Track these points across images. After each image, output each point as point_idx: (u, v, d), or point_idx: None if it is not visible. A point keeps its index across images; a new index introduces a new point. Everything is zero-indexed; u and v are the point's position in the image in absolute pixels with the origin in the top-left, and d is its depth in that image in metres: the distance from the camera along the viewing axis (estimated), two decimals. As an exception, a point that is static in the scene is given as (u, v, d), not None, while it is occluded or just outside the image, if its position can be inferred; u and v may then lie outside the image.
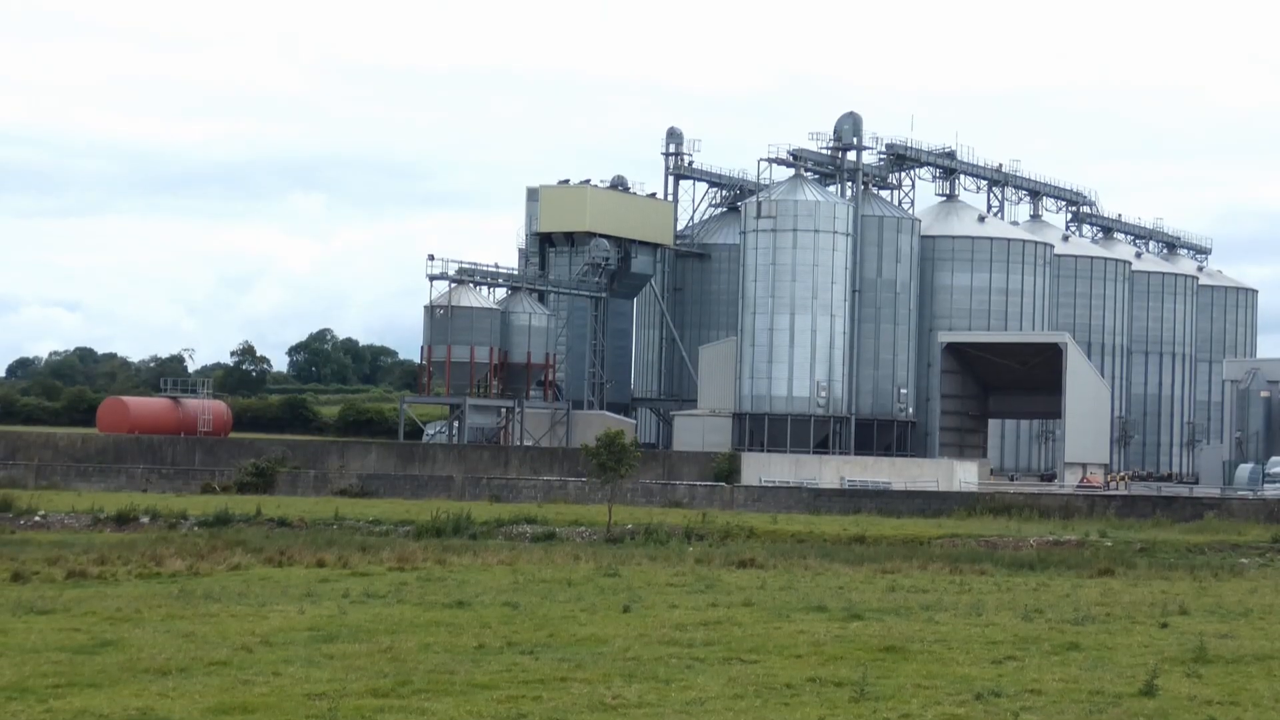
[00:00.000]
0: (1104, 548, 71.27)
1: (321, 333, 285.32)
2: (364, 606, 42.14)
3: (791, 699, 28.79)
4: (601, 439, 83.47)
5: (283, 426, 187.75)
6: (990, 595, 48.34)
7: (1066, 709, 28.23)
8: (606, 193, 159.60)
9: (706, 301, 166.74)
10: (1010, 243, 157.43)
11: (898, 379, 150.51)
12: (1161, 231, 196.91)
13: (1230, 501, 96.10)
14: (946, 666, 32.70)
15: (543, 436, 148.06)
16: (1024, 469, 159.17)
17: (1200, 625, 40.55)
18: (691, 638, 36.13)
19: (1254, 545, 75.15)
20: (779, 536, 74.55)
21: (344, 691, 28.76)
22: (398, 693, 28.87)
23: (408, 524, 76.59)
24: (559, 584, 49.06)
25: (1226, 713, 28.14)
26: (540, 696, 28.62)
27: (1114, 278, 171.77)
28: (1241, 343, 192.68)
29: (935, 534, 76.96)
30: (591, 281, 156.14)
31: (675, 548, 66.92)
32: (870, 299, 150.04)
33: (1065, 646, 35.95)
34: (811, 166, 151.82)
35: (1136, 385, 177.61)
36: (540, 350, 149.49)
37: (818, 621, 39.94)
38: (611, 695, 28.71)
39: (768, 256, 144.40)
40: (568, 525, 78.67)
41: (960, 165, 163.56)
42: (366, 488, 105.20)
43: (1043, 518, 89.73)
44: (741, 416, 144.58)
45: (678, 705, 28.07)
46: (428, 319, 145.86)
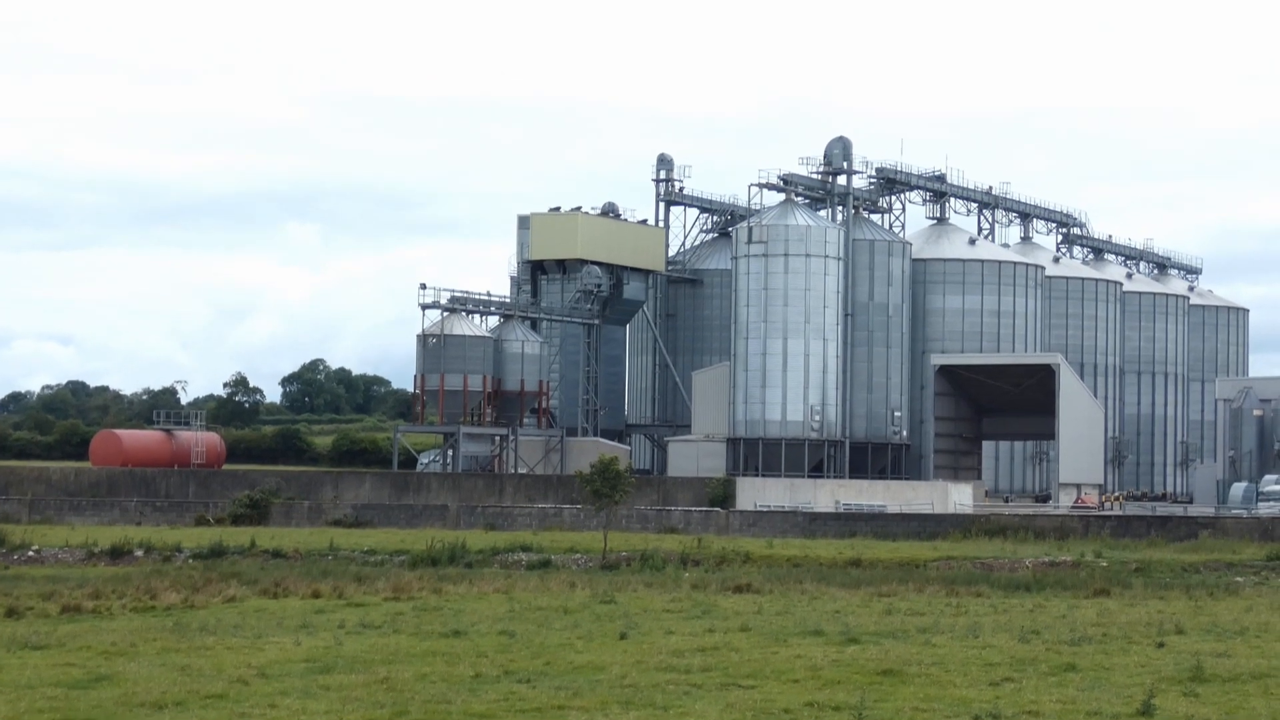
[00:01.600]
0: (1099, 568, 71.21)
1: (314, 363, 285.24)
2: (360, 637, 42.05)
3: (789, 724, 28.75)
4: (596, 466, 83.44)
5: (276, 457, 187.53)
6: (987, 617, 48.30)
7: (1064, 730, 28.21)
8: (598, 220, 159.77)
9: (699, 327, 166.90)
10: (1001, 265, 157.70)
11: (891, 402, 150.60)
12: (1152, 252, 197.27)
13: (1225, 520, 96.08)
14: (944, 689, 32.66)
15: (537, 464, 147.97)
16: (1018, 490, 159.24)
17: (1196, 644, 40.52)
18: (689, 664, 36.06)
19: (1249, 564, 75.12)
20: (775, 561, 74.46)
21: (341, 722, 28.68)
22: (394, 723, 28.79)
23: (403, 554, 76.44)
24: (555, 612, 48.98)
25: (1224, 732, 28.13)
26: (538, 725, 28.55)
27: (1105, 298, 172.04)
28: (1234, 362, 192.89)
29: (931, 556, 76.90)
30: (584, 308, 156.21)
31: (671, 574, 66.83)
32: (862, 322, 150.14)
33: (1062, 667, 35.91)
34: (802, 191, 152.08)
35: (1129, 405, 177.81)
36: (533, 377, 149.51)
37: (815, 646, 39.89)
38: (609, 723, 28.65)
39: (759, 281, 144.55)
40: (563, 552, 78.55)
41: (950, 188, 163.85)
42: (361, 518, 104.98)
43: (1038, 539, 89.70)
44: (736, 441, 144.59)
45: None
46: (420, 348, 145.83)
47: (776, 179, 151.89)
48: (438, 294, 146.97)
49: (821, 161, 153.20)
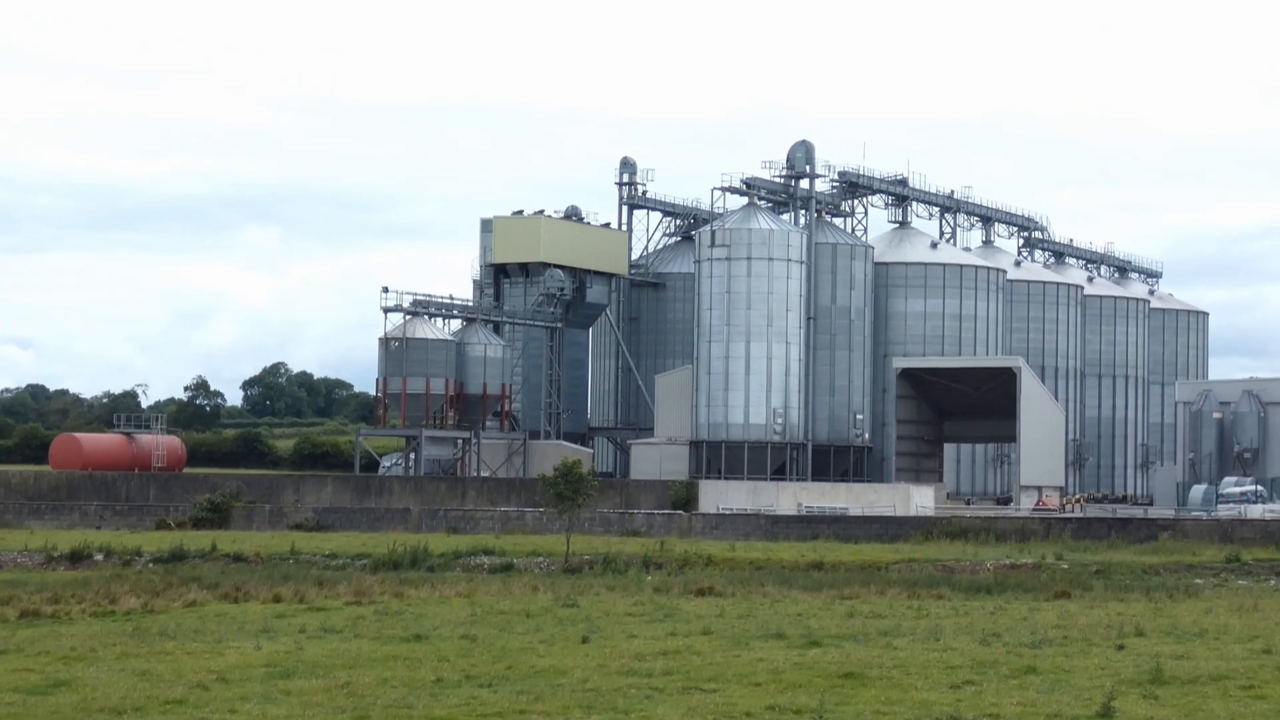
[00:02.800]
0: (1060, 570, 71.46)
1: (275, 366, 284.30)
2: (321, 641, 41.95)
3: (751, 727, 28.77)
4: (559, 469, 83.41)
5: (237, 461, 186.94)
6: (948, 620, 48.42)
7: (1025, 733, 28.30)
8: (560, 223, 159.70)
9: (662, 330, 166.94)
10: (963, 268, 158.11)
11: (853, 405, 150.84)
12: (1113, 256, 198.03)
13: (1184, 523, 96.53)
14: (905, 692, 32.73)
15: (499, 467, 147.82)
16: (980, 493, 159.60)
17: (1156, 646, 40.68)
18: (650, 667, 36.06)
19: (1208, 566, 75.51)
20: (737, 564, 74.55)
21: (302, 727, 28.61)
22: (356, 728, 28.74)
23: (364, 557, 76.32)
24: (517, 615, 48.93)
25: (1183, 734, 28.25)
26: (499, 729, 28.53)
27: (1066, 302, 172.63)
28: (1193, 365, 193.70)
29: (893, 559, 77.10)
30: (546, 312, 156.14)
31: (634, 577, 66.85)
32: (825, 326, 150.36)
33: (1023, 670, 36.02)
34: (765, 195, 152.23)
35: (1090, 408, 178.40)
36: (496, 381, 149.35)
37: (776, 649, 39.93)
38: (570, 726, 28.64)
39: (722, 285, 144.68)
40: (526, 556, 78.52)
41: (912, 192, 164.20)
42: (322, 521, 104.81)
43: (999, 541, 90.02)
44: (698, 444, 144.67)
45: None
46: (383, 351, 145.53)
47: (739, 182, 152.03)
48: (400, 297, 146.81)
49: (784, 165, 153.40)
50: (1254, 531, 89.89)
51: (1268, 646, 40.78)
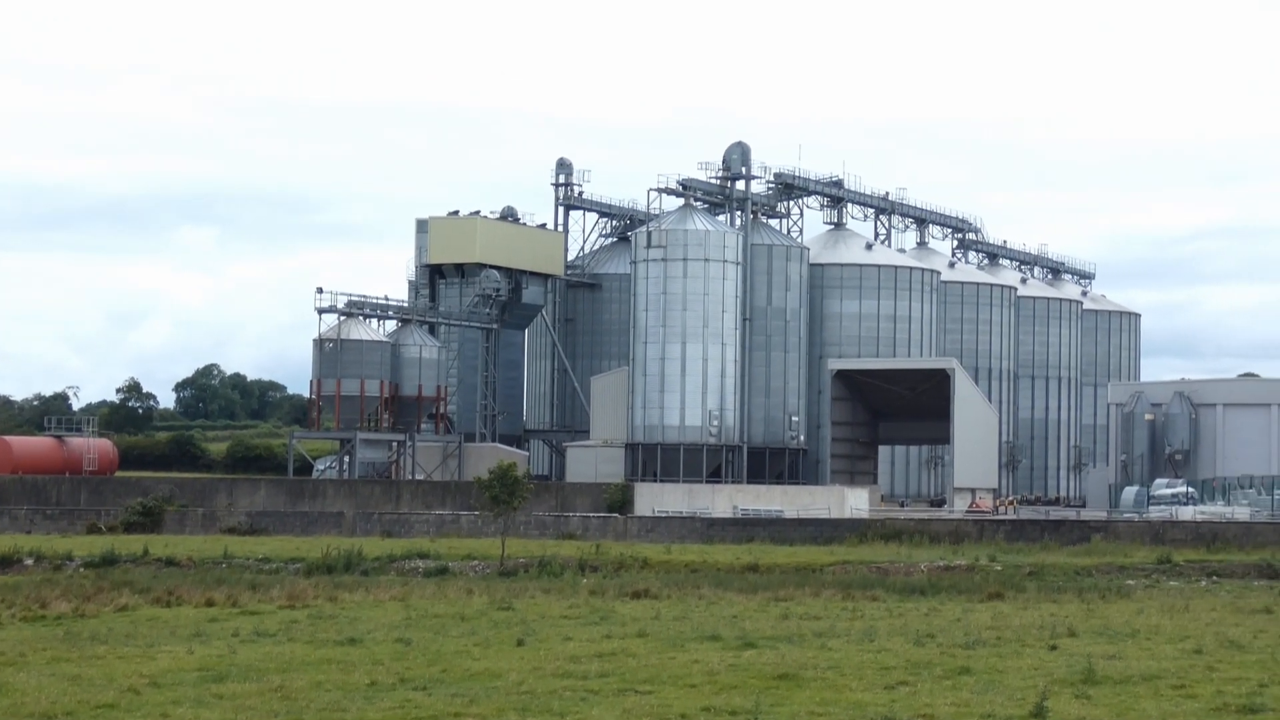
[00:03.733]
0: (993, 572, 71.83)
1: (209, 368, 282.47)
2: (254, 645, 41.73)
3: (685, 729, 28.78)
4: (494, 471, 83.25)
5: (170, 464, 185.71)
6: (882, 621, 48.59)
7: (958, 733, 28.41)
8: (496, 224, 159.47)
9: (598, 331, 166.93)
10: (898, 270, 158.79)
11: (789, 407, 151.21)
12: (1046, 257, 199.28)
13: (1116, 524, 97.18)
14: (840, 693, 32.81)
15: (435, 470, 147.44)
16: (914, 495, 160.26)
17: (1088, 647, 40.93)
18: (586, 670, 36.04)
19: (1140, 567, 76.03)
20: (673, 566, 74.60)
21: (234, 732, 28.46)
22: (289, 732, 28.60)
23: (298, 561, 75.99)
24: (452, 619, 48.82)
25: (1115, 734, 28.42)
26: (433, 732, 28.44)
27: (1000, 303, 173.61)
28: (1125, 366, 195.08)
29: (827, 561, 77.30)
30: (482, 313, 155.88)
31: (569, 580, 66.81)
32: (760, 327, 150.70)
33: (957, 670, 36.17)
34: (701, 196, 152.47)
35: (1023, 409, 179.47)
36: (431, 383, 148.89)
37: (712, 651, 39.97)
38: (505, 730, 28.58)
39: (658, 286, 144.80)
40: (461, 559, 78.35)
41: (848, 194, 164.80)
42: (256, 525, 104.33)
43: (933, 543, 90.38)
44: (634, 447, 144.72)
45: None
46: (317, 353, 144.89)
47: (675, 184, 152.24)
48: (334, 298, 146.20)
49: (720, 167, 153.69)
50: (1185, 533, 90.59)
51: (1198, 646, 41.11)
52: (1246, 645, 41.59)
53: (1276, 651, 39.97)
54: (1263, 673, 35.87)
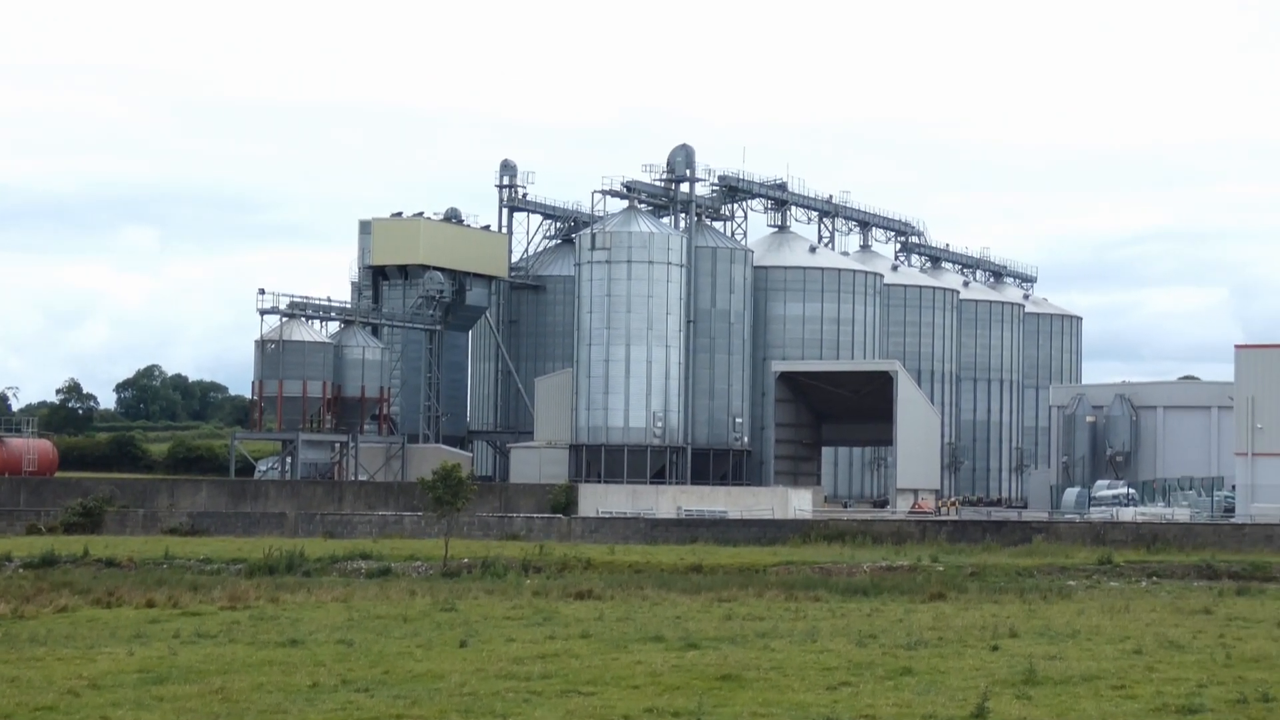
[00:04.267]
0: (935, 572, 72.06)
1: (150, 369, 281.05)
2: (195, 647, 41.53)
3: (628, 730, 28.79)
4: (437, 472, 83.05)
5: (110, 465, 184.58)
6: (825, 621, 48.70)
7: (900, 733, 28.50)
8: (440, 225, 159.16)
9: (542, 333, 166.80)
10: (841, 273, 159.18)
11: (733, 408, 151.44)
12: (988, 261, 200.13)
13: (1058, 525, 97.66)
14: (782, 693, 32.87)
15: (377, 471, 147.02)
16: (857, 496, 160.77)
17: (1029, 647, 41.13)
18: (529, 671, 36.01)
19: (1081, 568, 76.43)
20: (616, 567, 74.60)
21: (175, 733, 28.32)
22: (230, 733, 28.47)
23: (240, 562, 75.67)
24: (394, 620, 48.70)
25: (1056, 733, 28.57)
26: (375, 734, 28.37)
27: (942, 306, 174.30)
28: (1067, 369, 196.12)
29: (771, 562, 77.43)
30: (425, 314, 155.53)
31: (513, 581, 66.73)
32: (705, 329, 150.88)
33: (898, 671, 36.29)
34: (645, 198, 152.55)
35: (965, 411, 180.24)
36: (374, 384, 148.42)
37: (655, 652, 39.99)
38: (448, 731, 28.53)
39: (602, 288, 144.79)
40: (404, 560, 78.14)
41: (791, 196, 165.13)
42: (197, 526, 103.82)
43: (876, 544, 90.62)
44: (578, 448, 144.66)
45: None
46: (259, 354, 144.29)
47: (620, 186, 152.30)
48: (277, 299, 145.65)
49: (665, 169, 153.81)
50: (1125, 534, 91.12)
51: (1138, 647, 41.36)
52: (1186, 646, 41.87)
53: (1215, 652, 40.26)
54: (1202, 673, 36.12)
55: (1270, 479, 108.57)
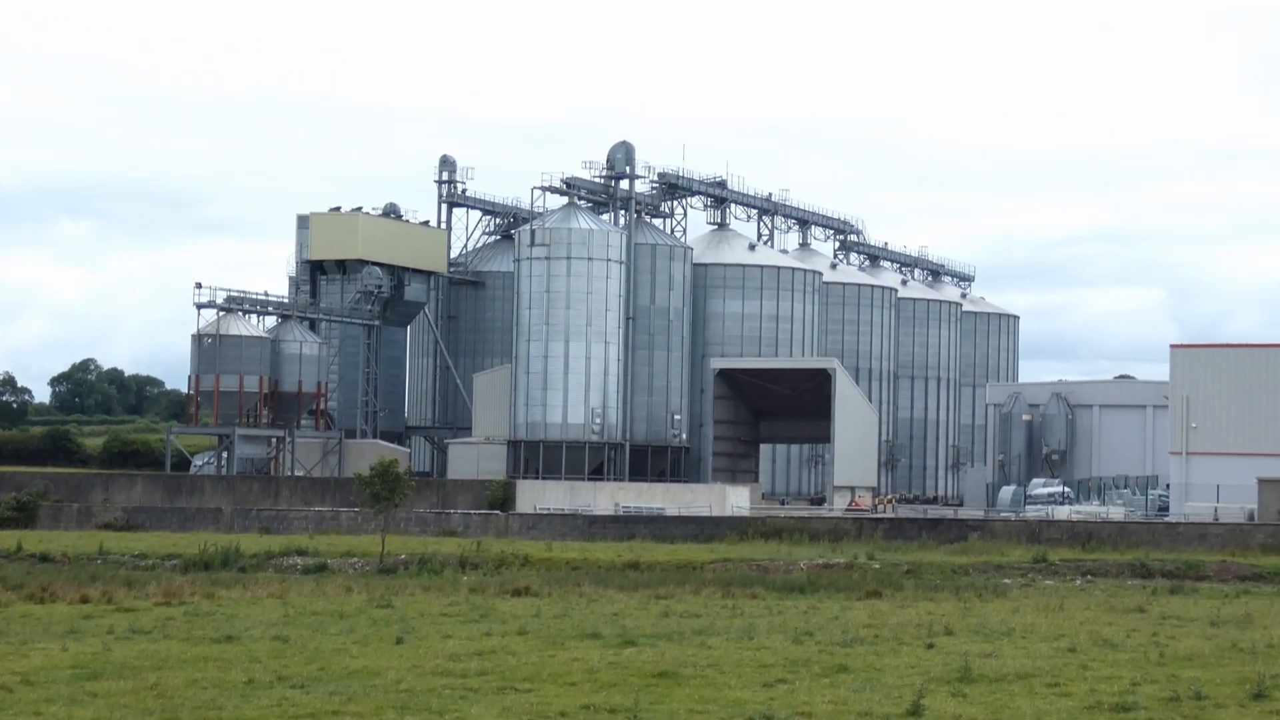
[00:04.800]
0: (872, 570, 72.31)
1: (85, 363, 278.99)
2: (129, 643, 41.29)
3: (565, 727, 28.78)
4: (375, 468, 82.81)
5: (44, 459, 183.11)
6: (762, 619, 48.81)
7: (836, 731, 28.58)
8: (378, 220, 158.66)
9: (481, 329, 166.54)
10: (780, 270, 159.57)
11: (671, 405, 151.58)
12: (926, 259, 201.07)
13: (993, 523, 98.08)
14: (719, 691, 32.92)
15: (314, 466, 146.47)
16: (794, 493, 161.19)
17: (965, 645, 41.32)
18: (465, 668, 35.94)
19: (1016, 566, 76.78)
20: (554, 564, 74.57)
21: (108, 730, 28.14)
22: (164, 730, 28.32)
23: (175, 557, 75.28)
24: (331, 616, 48.53)
25: (990, 731, 28.71)
26: (311, 731, 28.27)
27: (880, 304, 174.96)
28: (1004, 367, 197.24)
29: (708, 559, 77.52)
30: (364, 309, 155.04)
31: (449, 577, 66.60)
32: (644, 326, 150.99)
33: (835, 668, 36.40)
34: (585, 195, 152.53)
35: (903, 409, 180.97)
36: (311, 379, 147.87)
37: (592, 649, 39.99)
38: (384, 728, 28.45)
39: (541, 284, 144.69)
40: (340, 556, 77.89)
41: (731, 194, 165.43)
42: (132, 521, 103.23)
43: (813, 541, 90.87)
44: (516, 444, 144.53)
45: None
46: (195, 348, 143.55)
47: (559, 182, 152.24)
48: (214, 293, 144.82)
49: (604, 166, 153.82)
50: (1061, 532, 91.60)
51: (1073, 645, 41.61)
52: (1120, 644, 42.16)
53: (1149, 650, 40.55)
54: (1135, 671, 36.37)
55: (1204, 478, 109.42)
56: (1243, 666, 37.04)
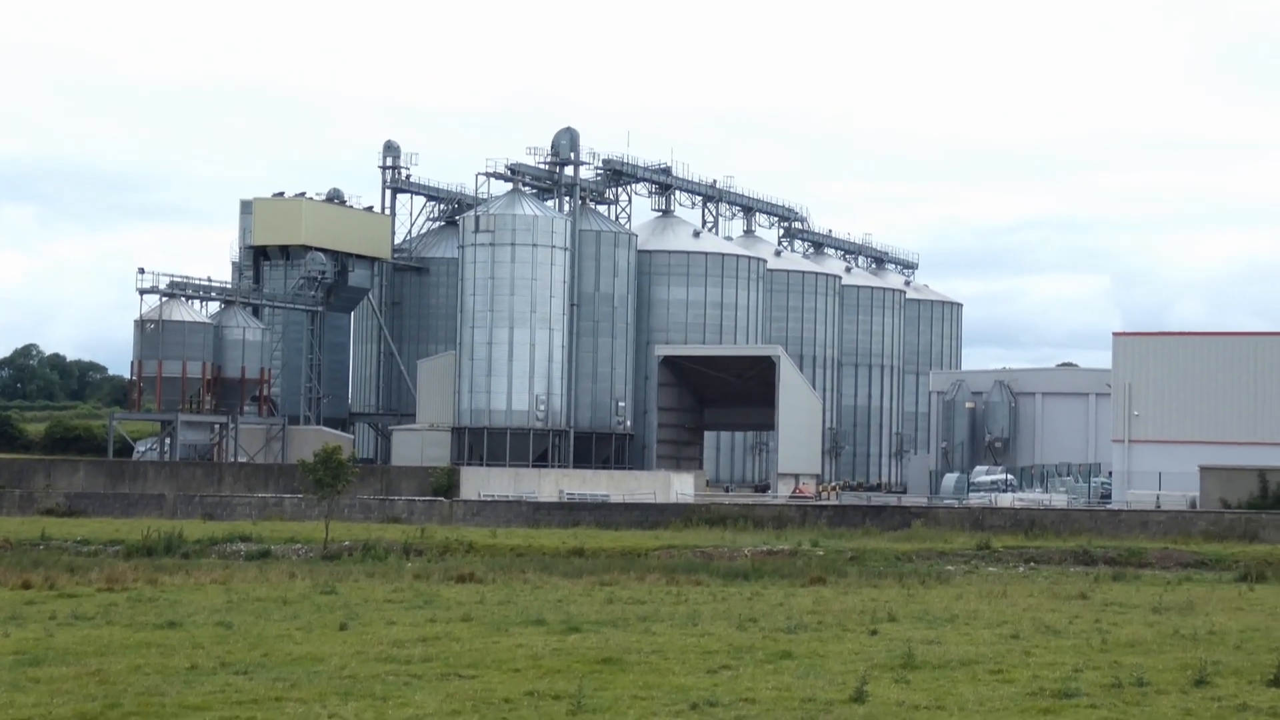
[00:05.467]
0: (816, 557, 72.50)
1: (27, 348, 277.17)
2: (72, 629, 41.05)
3: (509, 713, 28.75)
4: (318, 454, 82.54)
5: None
6: (706, 605, 48.86)
7: (780, 716, 28.62)
8: (322, 205, 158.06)
9: (425, 315, 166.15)
10: (725, 257, 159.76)
11: (616, 392, 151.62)
12: (870, 247, 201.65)
13: (937, 510, 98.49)
14: (663, 677, 32.95)
15: (258, 453, 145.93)
16: (739, 480, 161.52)
17: (908, 632, 41.45)
18: (409, 654, 35.87)
19: (959, 553, 77.11)
20: (498, 550, 74.49)
21: (49, 716, 28.00)
22: (106, 716, 28.17)
23: (117, 543, 74.86)
24: (274, 602, 48.35)
25: (933, 717, 28.80)
26: (255, 717, 28.17)
27: (824, 292, 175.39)
28: (947, 355, 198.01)
29: (653, 545, 77.58)
30: (307, 295, 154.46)
31: (393, 564, 66.46)
32: (588, 313, 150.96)
33: (778, 655, 36.46)
34: (530, 181, 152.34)
35: (847, 397, 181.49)
36: (255, 365, 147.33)
37: (536, 635, 39.97)
38: (328, 714, 28.38)
39: (486, 270, 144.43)
40: (284, 542, 77.63)
41: (676, 181, 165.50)
42: (74, 507, 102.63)
43: (757, 528, 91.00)
44: (461, 431, 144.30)
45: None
46: (138, 334, 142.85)
47: (504, 168, 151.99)
48: (156, 279, 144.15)
49: (549, 152, 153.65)
50: (1004, 519, 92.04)
51: (1015, 632, 41.80)
52: (1062, 630, 42.37)
53: (1091, 637, 40.77)
54: (1077, 657, 36.57)
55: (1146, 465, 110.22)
56: (1184, 653, 37.29)
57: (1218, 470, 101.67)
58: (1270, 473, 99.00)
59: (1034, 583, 61.11)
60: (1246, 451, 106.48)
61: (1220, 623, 44.54)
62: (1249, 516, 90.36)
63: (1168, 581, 62.68)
